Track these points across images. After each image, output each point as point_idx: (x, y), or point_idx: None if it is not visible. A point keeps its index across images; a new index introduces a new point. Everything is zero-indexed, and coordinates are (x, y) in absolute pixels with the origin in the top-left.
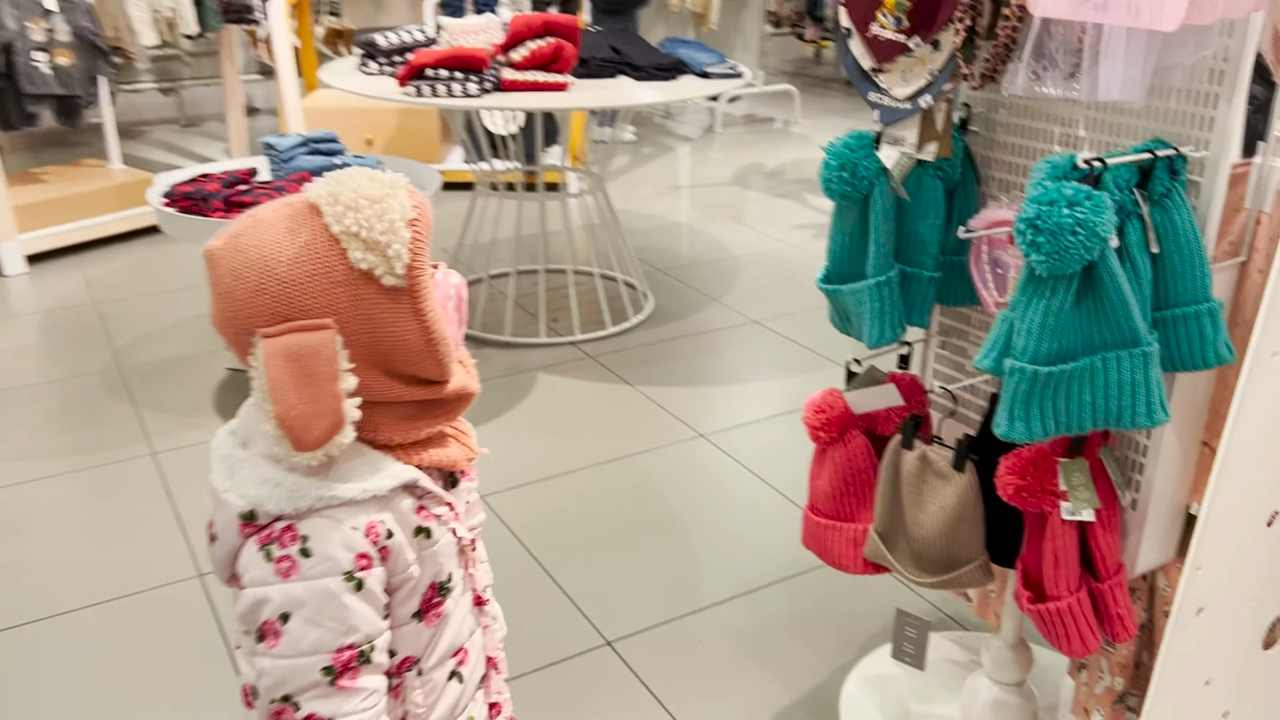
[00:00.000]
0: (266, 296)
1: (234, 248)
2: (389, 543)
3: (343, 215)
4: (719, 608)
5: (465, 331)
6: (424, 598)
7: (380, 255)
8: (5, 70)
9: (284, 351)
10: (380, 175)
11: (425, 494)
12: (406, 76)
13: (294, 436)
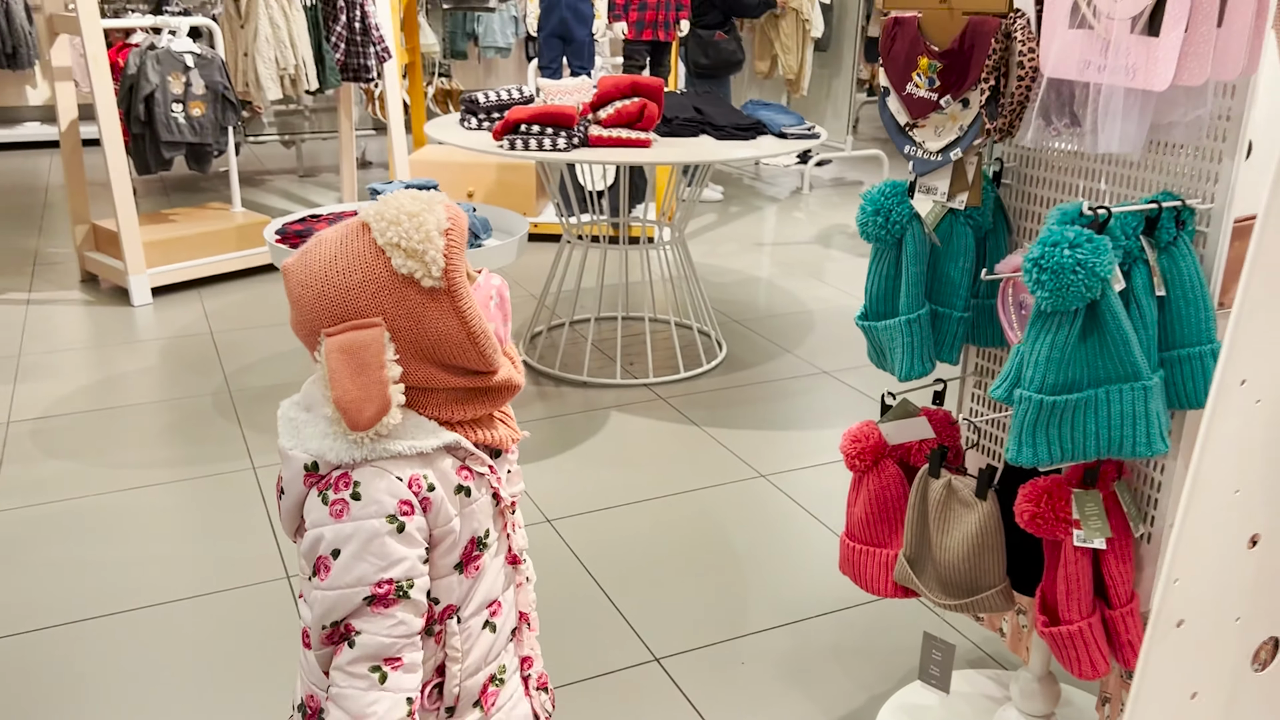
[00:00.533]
0: (326, 300)
1: (302, 263)
2: (430, 495)
3: (386, 229)
4: (765, 634)
5: (510, 328)
6: (464, 551)
7: (419, 261)
8: (145, 119)
9: (340, 346)
10: (420, 194)
11: (468, 455)
12: (501, 131)
13: (349, 418)
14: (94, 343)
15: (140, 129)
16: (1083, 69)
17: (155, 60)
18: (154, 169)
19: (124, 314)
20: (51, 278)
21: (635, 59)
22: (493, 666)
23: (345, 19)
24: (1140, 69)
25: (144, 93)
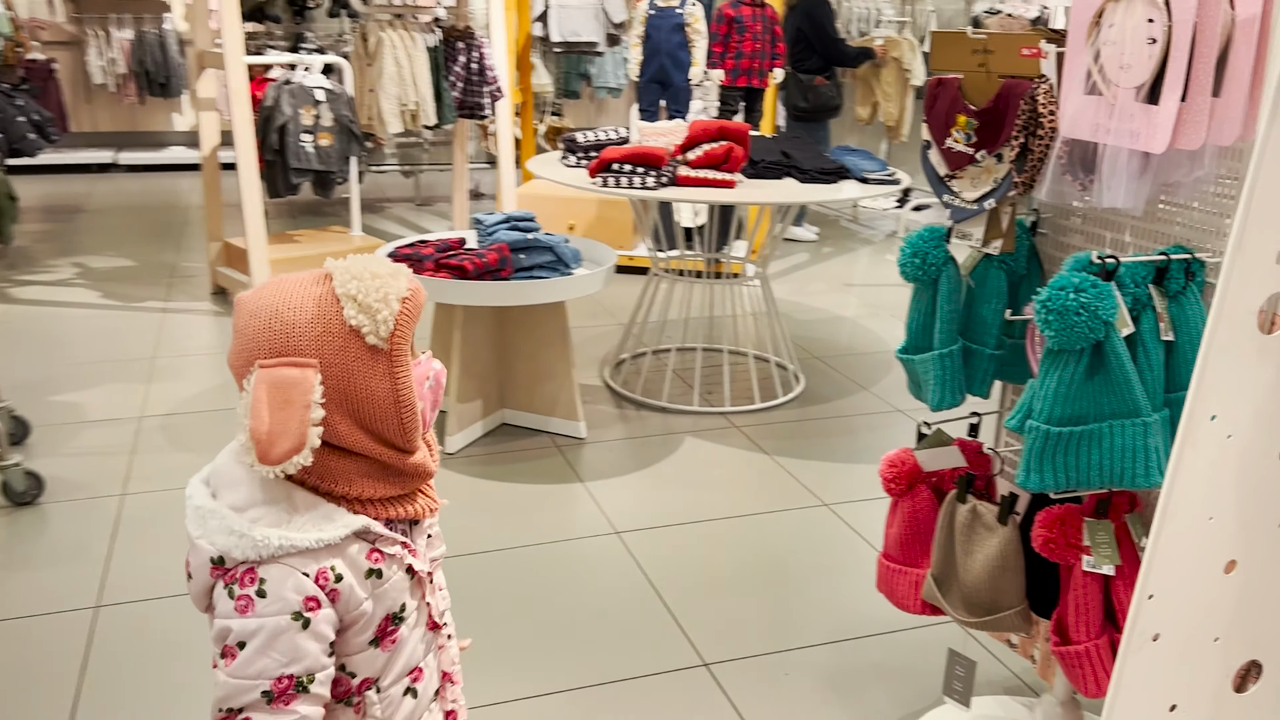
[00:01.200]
0: (270, 333)
1: (256, 296)
2: (339, 586)
3: (348, 281)
4: (811, 649)
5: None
6: (379, 627)
7: (370, 317)
8: (278, 147)
9: (270, 379)
10: (390, 263)
11: (378, 538)
12: (596, 169)
13: (260, 450)
14: (220, 350)
15: (273, 156)
16: (1094, 130)
17: (290, 94)
18: (283, 193)
19: None
20: (186, 289)
21: (730, 104)
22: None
23: (464, 60)
24: (1142, 133)
25: (278, 123)
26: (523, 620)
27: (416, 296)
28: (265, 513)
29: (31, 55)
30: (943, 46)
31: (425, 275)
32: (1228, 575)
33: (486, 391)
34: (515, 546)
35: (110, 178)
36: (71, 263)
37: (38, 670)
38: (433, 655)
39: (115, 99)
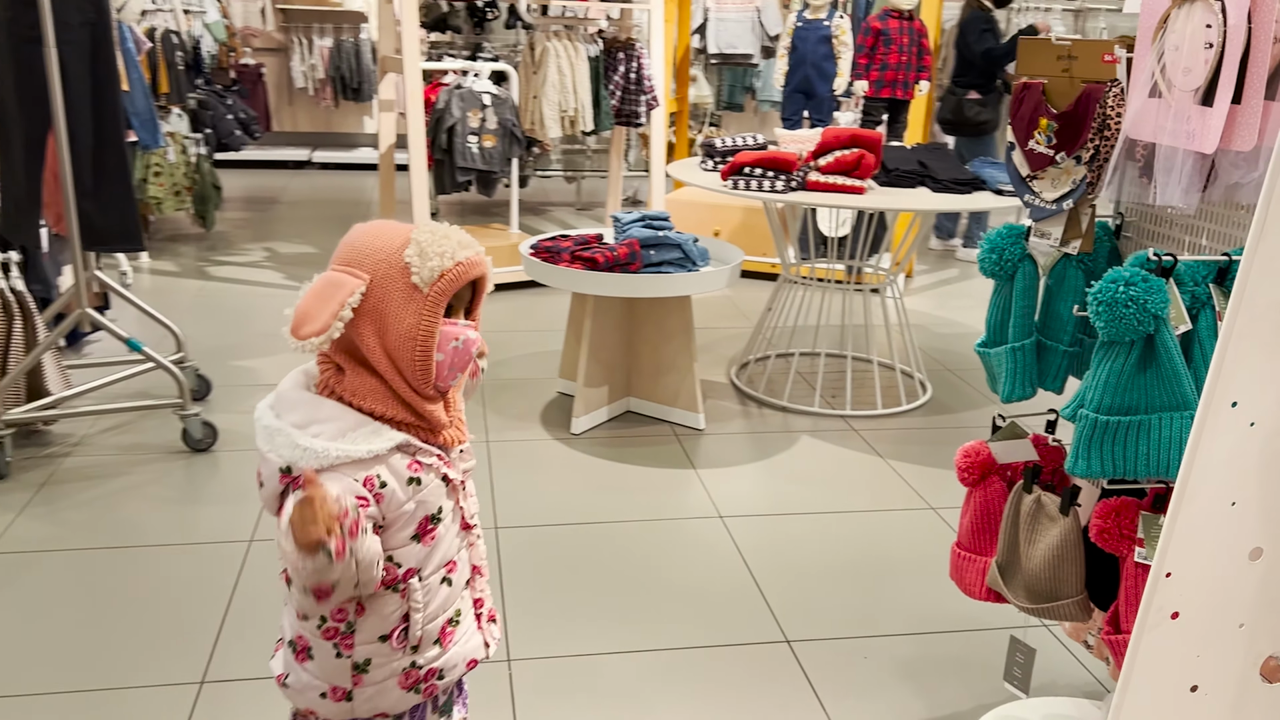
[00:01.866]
0: (351, 249)
1: (367, 224)
2: (383, 490)
3: (425, 231)
4: (893, 638)
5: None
6: (419, 526)
7: (422, 260)
8: (446, 147)
9: (328, 277)
10: (472, 239)
11: (417, 450)
12: (728, 172)
13: (293, 325)
14: None
15: (441, 155)
16: (1155, 132)
17: (459, 98)
18: (449, 190)
19: None
20: None
21: (873, 115)
22: (450, 611)
23: (623, 69)
24: (1197, 134)
25: (447, 125)
26: (622, 585)
27: (471, 268)
28: (323, 429)
29: (243, 60)
30: (1029, 53)
31: (561, 265)
32: (1253, 562)
33: (613, 379)
34: (624, 520)
35: (305, 174)
36: (263, 247)
37: (199, 586)
38: (464, 551)
39: (313, 102)
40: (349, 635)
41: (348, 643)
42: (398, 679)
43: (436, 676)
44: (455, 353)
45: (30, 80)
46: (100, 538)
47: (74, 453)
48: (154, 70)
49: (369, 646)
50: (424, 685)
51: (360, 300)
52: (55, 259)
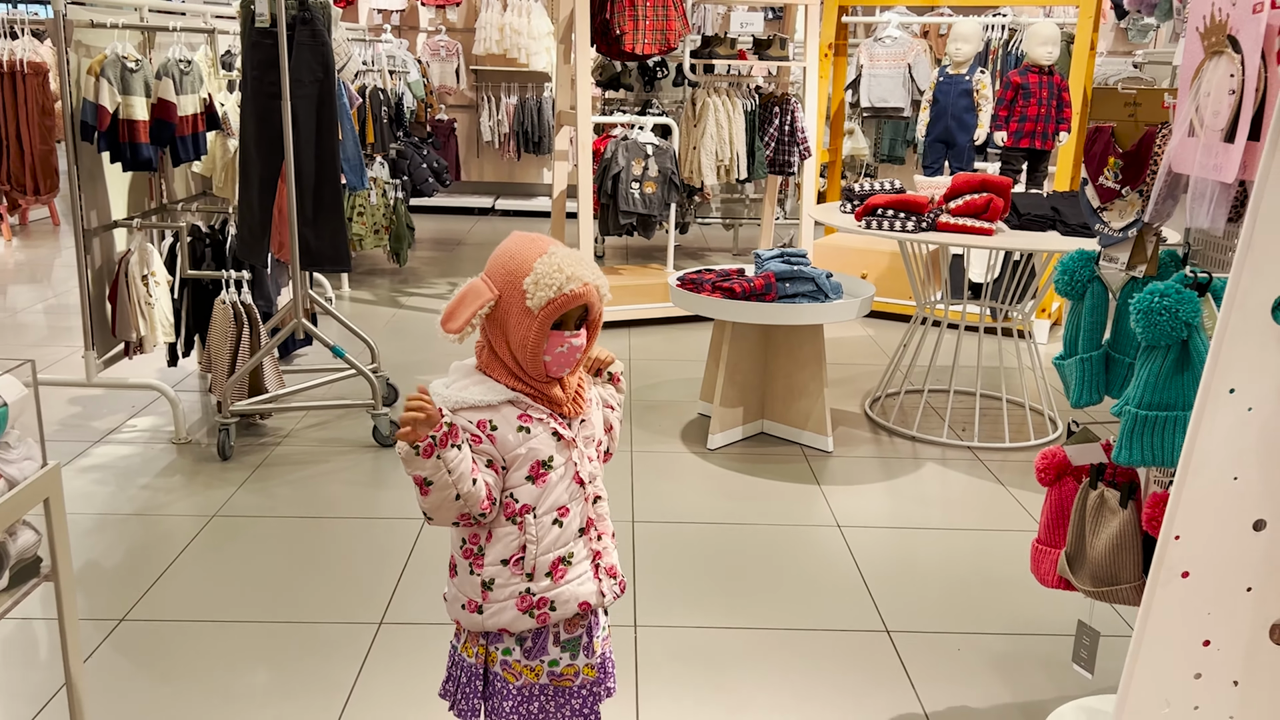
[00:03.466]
0: (495, 260)
1: (518, 236)
2: (494, 433)
3: (547, 259)
4: (989, 636)
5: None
6: (531, 468)
7: (534, 289)
8: (611, 193)
9: (474, 284)
10: (596, 272)
11: (528, 406)
12: (862, 213)
13: (442, 318)
14: None
15: (606, 200)
16: (1191, 165)
17: (624, 148)
18: (613, 231)
19: None
20: None
21: (1012, 164)
22: (561, 551)
23: (778, 122)
24: (1221, 167)
25: (613, 172)
26: (740, 574)
27: (575, 299)
28: (460, 384)
29: (439, 116)
30: (1100, 101)
31: (704, 295)
32: (1257, 533)
33: (748, 401)
34: (747, 523)
35: (488, 220)
36: (447, 281)
37: (379, 551)
38: (580, 503)
39: (498, 154)
40: (480, 557)
41: (479, 563)
42: (515, 600)
43: (549, 607)
44: (560, 355)
45: (268, 129)
46: (301, 509)
47: (284, 442)
48: (362, 122)
49: (494, 568)
50: (537, 612)
51: (490, 311)
52: (276, 280)
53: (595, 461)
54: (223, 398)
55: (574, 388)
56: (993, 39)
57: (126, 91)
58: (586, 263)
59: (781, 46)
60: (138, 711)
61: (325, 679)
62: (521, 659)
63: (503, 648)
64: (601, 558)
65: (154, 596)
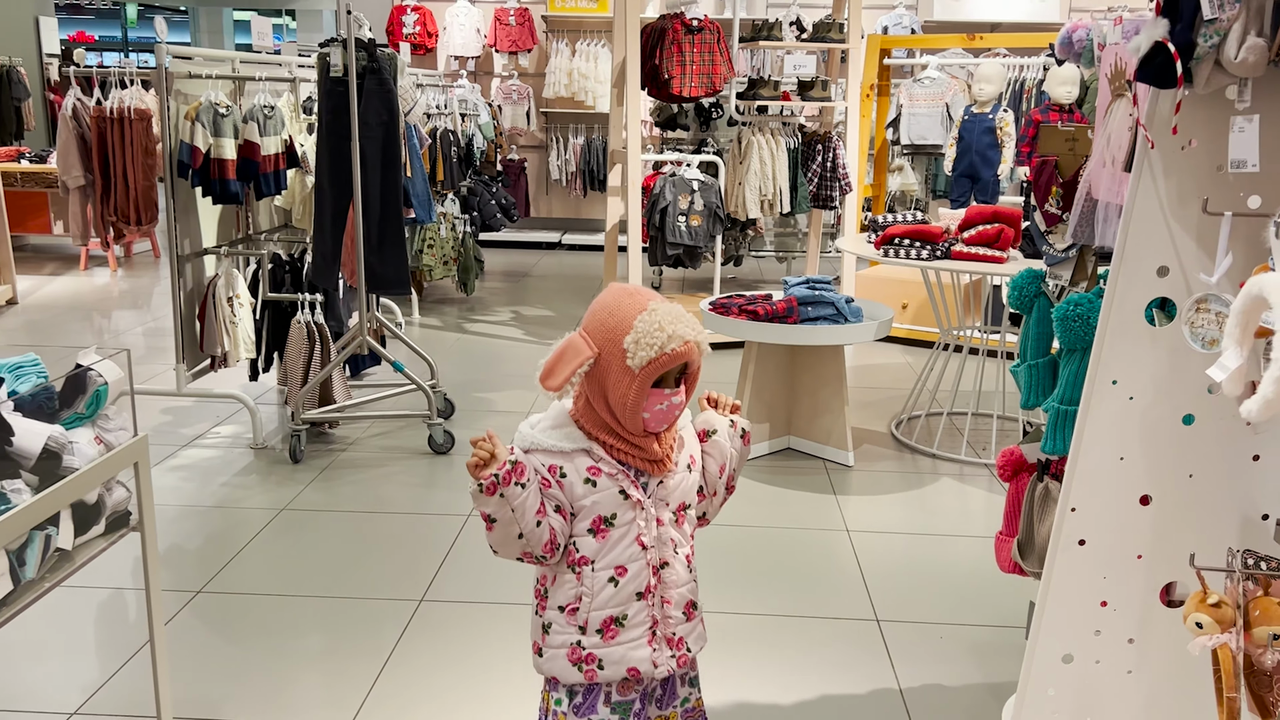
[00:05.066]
0: (594, 316)
1: (619, 290)
2: (563, 480)
3: (648, 317)
4: (971, 627)
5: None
6: (593, 522)
7: (634, 345)
8: (659, 225)
9: (574, 341)
10: (696, 327)
11: (600, 459)
12: (880, 242)
13: (541, 374)
14: None
15: (654, 232)
16: (1101, 191)
17: (672, 184)
18: (660, 261)
19: None
20: None
21: None
22: (615, 610)
23: (820, 159)
24: (1122, 192)
25: (660, 206)
26: (749, 567)
27: (677, 358)
28: (544, 426)
29: (509, 156)
30: (1045, 137)
31: (731, 317)
32: (1144, 507)
33: (774, 417)
34: (765, 526)
35: (554, 254)
36: (512, 310)
37: (427, 541)
38: (640, 565)
39: (564, 192)
40: (544, 599)
41: (543, 605)
42: (567, 650)
43: (597, 664)
44: (660, 413)
45: (339, 166)
46: (361, 505)
47: (349, 449)
48: (432, 162)
49: (552, 613)
50: (585, 667)
51: (590, 369)
52: (347, 304)
53: (671, 526)
54: (296, 407)
55: (669, 444)
56: (1027, 79)
57: (217, 134)
58: (687, 319)
59: (824, 88)
60: (209, 667)
61: (369, 644)
62: (569, 713)
63: (555, 697)
64: (661, 626)
65: (227, 574)
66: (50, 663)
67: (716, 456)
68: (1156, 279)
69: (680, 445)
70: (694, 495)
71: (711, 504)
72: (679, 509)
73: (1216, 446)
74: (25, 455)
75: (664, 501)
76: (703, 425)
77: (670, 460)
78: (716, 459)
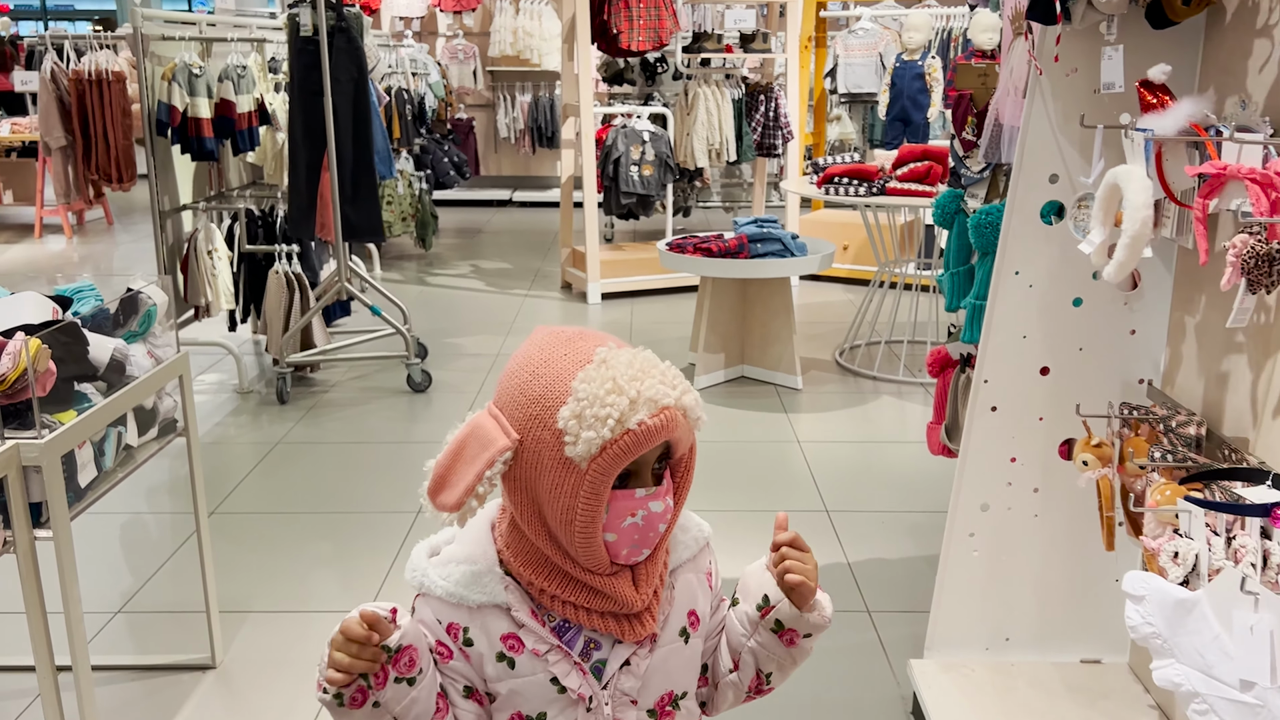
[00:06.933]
0: (509, 384)
1: (544, 340)
2: (469, 649)
3: (591, 382)
4: (911, 513)
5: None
6: (511, 719)
7: (579, 430)
8: (613, 175)
9: (478, 426)
10: (658, 384)
11: (523, 624)
12: (822, 181)
13: (430, 484)
14: (560, 321)
15: (609, 182)
16: (1005, 116)
17: (624, 135)
18: (614, 212)
19: (581, 308)
20: (542, 283)
21: None
22: None
23: (763, 109)
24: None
25: (613, 157)
26: (713, 474)
27: (649, 435)
28: (453, 552)
29: (458, 114)
30: (961, 74)
31: (687, 255)
32: (1044, 377)
33: (729, 348)
34: (723, 441)
35: (506, 211)
36: (470, 264)
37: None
38: None
39: (514, 149)
40: None
41: None
42: None
43: None
44: (633, 529)
45: (312, 122)
46: (350, 438)
47: (331, 391)
48: (389, 120)
49: None
50: None
51: (509, 467)
52: (319, 258)
53: None
54: (279, 352)
55: (652, 584)
56: (954, 28)
57: (193, 94)
58: (658, 370)
59: (764, 40)
60: (233, 573)
61: (376, 547)
62: None
63: None
64: None
65: (234, 499)
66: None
67: (734, 639)
68: (1049, 185)
69: (672, 591)
70: (692, 676)
71: (715, 697)
72: (662, 703)
73: (1101, 324)
74: (98, 364)
75: (629, 699)
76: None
77: (653, 616)
78: (733, 641)
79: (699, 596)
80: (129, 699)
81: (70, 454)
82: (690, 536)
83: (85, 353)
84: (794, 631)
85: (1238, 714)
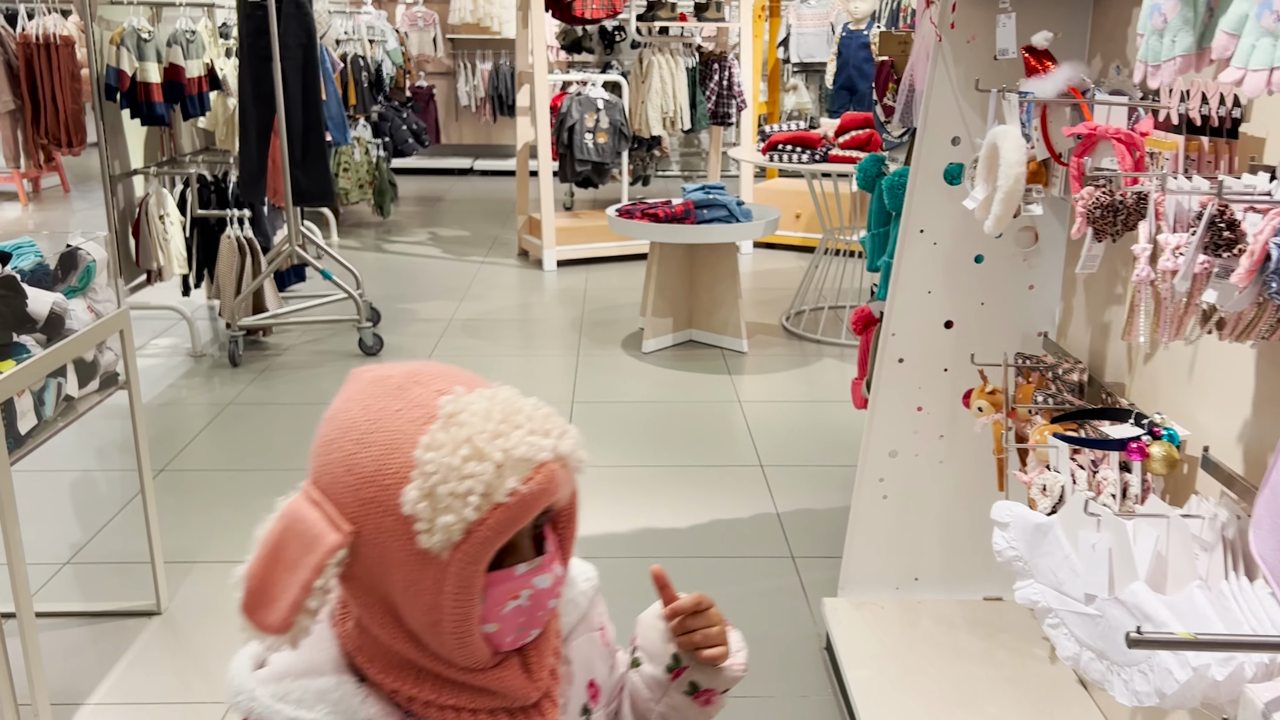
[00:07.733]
0: (328, 455)
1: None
2: None
3: (439, 448)
4: (840, 468)
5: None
6: None
7: (431, 514)
8: (568, 143)
9: (294, 518)
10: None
11: None
12: (766, 148)
13: (245, 599)
14: (515, 288)
15: (563, 150)
16: (918, 82)
17: (578, 103)
18: (570, 179)
19: (537, 275)
20: (499, 250)
21: None
22: None
23: (717, 78)
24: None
25: (568, 124)
26: (655, 431)
27: (529, 501)
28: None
29: (418, 82)
30: (883, 42)
31: (635, 221)
32: (948, 330)
33: (676, 312)
34: (667, 401)
35: (467, 179)
36: (428, 232)
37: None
38: None
39: (475, 117)
40: None
41: None
42: None
43: None
44: (518, 612)
45: (262, 87)
46: (301, 399)
47: (283, 354)
48: (345, 86)
49: None
50: None
51: (343, 568)
52: (272, 223)
53: None
54: (230, 316)
55: (548, 663)
56: None
57: (142, 58)
58: (523, 415)
59: (719, 9)
60: (182, 526)
61: None
62: None
63: None
64: None
65: (184, 457)
66: (36, 525)
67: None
68: (951, 147)
69: (570, 666)
70: None
71: None
72: None
73: (1001, 279)
74: (37, 317)
75: None
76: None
77: (553, 702)
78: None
79: (595, 662)
80: (75, 644)
81: (10, 402)
82: (578, 591)
83: (23, 305)
84: (711, 691)
85: (1082, 625)
